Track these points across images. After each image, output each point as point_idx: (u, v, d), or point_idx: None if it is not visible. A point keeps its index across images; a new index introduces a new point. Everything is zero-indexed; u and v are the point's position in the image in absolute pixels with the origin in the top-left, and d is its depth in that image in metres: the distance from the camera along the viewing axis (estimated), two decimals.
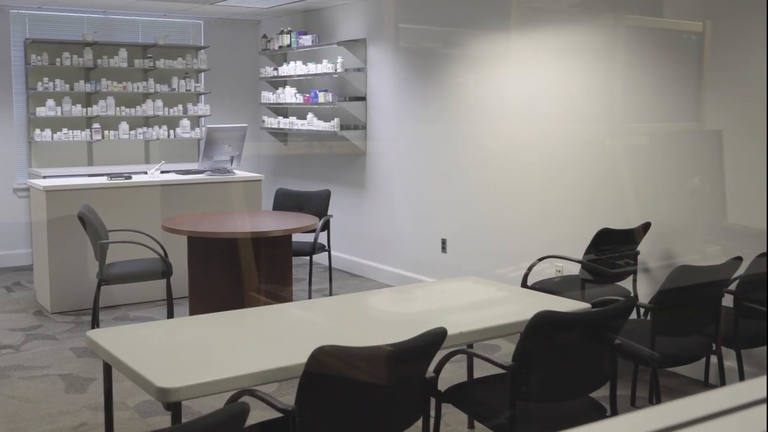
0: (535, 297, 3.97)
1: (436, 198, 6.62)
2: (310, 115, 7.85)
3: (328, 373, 2.48)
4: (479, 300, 3.93)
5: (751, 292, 3.96)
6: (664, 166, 4.92)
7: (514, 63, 5.82)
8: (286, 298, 5.58)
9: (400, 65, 7.01)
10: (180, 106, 8.47)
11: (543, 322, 2.82)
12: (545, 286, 4.74)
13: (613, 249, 4.75)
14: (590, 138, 5.25)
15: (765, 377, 1.06)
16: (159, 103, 8.31)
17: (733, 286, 3.98)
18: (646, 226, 4.78)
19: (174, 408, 2.59)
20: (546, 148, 5.53)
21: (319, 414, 2.54)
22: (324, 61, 7.66)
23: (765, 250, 4.04)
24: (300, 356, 2.53)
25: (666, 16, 4.98)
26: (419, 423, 2.90)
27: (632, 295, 4.74)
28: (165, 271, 5.33)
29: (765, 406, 1.00)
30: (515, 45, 5.83)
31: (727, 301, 3.97)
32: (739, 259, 3.85)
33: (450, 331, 2.91)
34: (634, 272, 4.84)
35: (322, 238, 6.26)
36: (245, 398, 2.52)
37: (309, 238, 6.15)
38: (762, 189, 4.27)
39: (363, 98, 7.44)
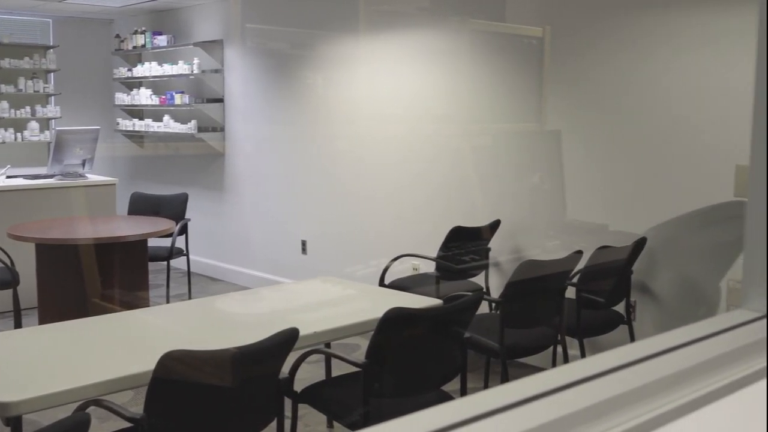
0: (389, 295, 4.05)
1: (296, 199, 6.63)
2: (166, 117, 7.69)
3: (177, 378, 2.45)
4: (335, 299, 3.97)
5: (589, 283, 4.19)
6: (509, 165, 5.14)
7: (364, 64, 5.92)
8: (143, 304, 5.45)
9: (257, 66, 6.98)
10: (27, 108, 8.10)
11: (394, 318, 2.89)
12: (401, 284, 4.84)
13: (465, 246, 4.92)
14: (441, 139, 5.41)
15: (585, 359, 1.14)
16: (5, 104, 7.92)
17: (575, 279, 4.20)
18: (496, 224, 4.96)
19: (14, 423, 2.49)
20: (401, 149, 5.65)
21: (169, 420, 2.51)
22: (180, 62, 7.52)
23: (603, 245, 4.28)
24: (150, 363, 2.48)
25: (509, 21, 5.19)
26: (274, 424, 2.91)
27: (484, 290, 4.92)
28: (11, 280, 5.10)
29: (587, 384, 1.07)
30: (364, 47, 5.92)
31: (571, 293, 4.18)
32: (580, 252, 4.06)
33: (305, 331, 2.94)
34: (486, 268, 5.02)
35: (180, 242, 6.15)
36: (94, 409, 2.46)
37: (166, 242, 6.02)
38: (598, 185, 4.53)
39: (221, 100, 7.36)
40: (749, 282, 1.51)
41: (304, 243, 6.56)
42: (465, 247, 4.93)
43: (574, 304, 4.12)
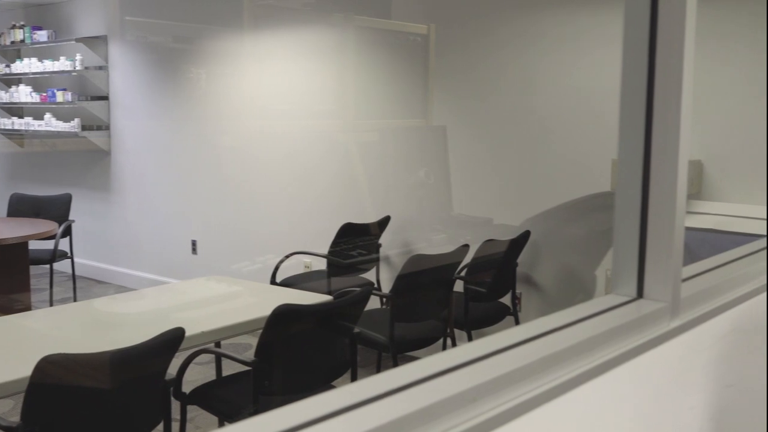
0: (279, 292, 4.03)
1: (185, 198, 6.50)
2: (48, 116, 7.40)
3: (55, 383, 2.37)
4: (223, 298, 3.92)
5: (476, 276, 4.28)
6: (396, 161, 5.19)
7: (249, 60, 5.86)
8: (24, 308, 5.25)
9: (142, 62, 6.81)
10: None
11: (282, 315, 2.88)
12: (293, 282, 4.82)
13: (355, 242, 4.94)
14: (329, 135, 5.42)
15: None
16: None
17: (462, 272, 4.28)
18: (386, 219, 5.00)
19: None
20: (289, 146, 5.62)
21: (48, 427, 2.42)
22: (62, 58, 7.26)
23: (488, 238, 4.38)
24: (28, 368, 2.39)
25: (394, 18, 5.24)
26: (161, 427, 2.85)
27: (375, 285, 4.95)
28: None
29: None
30: (249, 42, 5.86)
31: (459, 286, 4.25)
32: (466, 246, 4.14)
33: (192, 331, 2.89)
34: (377, 263, 5.06)
35: (64, 244, 5.94)
36: None
37: (49, 245, 5.81)
38: (483, 180, 4.64)
39: (105, 97, 7.14)
40: (619, 269, 1.57)
41: (194, 243, 6.45)
42: (355, 243, 4.95)
43: (462, 297, 4.20)
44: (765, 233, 2.35)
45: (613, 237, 1.58)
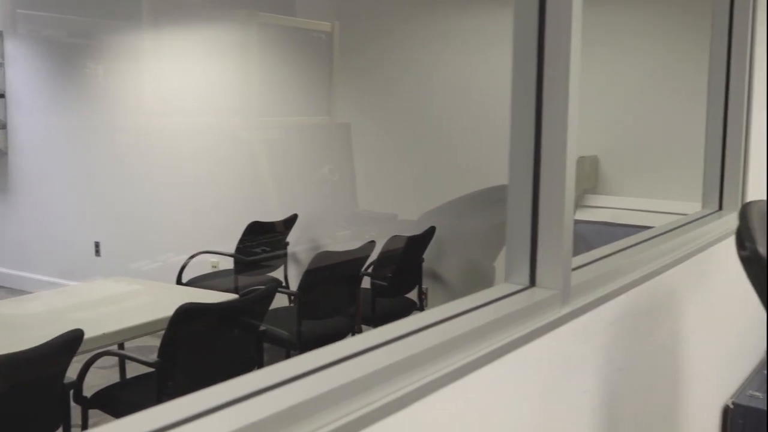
0: (184, 292, 3.98)
1: (88, 198, 6.34)
2: None
3: None
4: (126, 299, 3.85)
5: (383, 271, 4.32)
6: (301, 158, 5.19)
7: (150, 56, 5.76)
8: None
9: (40, 58, 6.60)
10: None
11: (185, 314, 2.85)
12: (199, 282, 4.76)
13: (262, 241, 4.91)
14: (234, 132, 5.37)
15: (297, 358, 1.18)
16: None
17: (369, 269, 4.31)
18: (293, 218, 5.00)
19: None
20: (193, 143, 5.54)
21: None
22: None
23: (394, 234, 4.43)
24: None
25: (299, 16, 5.24)
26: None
27: (284, 283, 4.94)
28: None
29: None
30: (150, 37, 5.75)
31: (366, 282, 4.29)
32: (372, 242, 4.18)
33: (92, 333, 2.83)
34: (285, 261, 5.04)
35: None
36: None
37: None
38: (387, 176, 4.69)
39: (1, 95, 6.89)
40: (512, 259, 1.62)
41: (97, 244, 6.29)
42: (262, 241, 4.93)
43: (369, 293, 4.24)
44: (654, 225, 2.46)
45: (506, 229, 1.64)
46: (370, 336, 1.24)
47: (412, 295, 4.51)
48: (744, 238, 1.57)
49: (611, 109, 4.20)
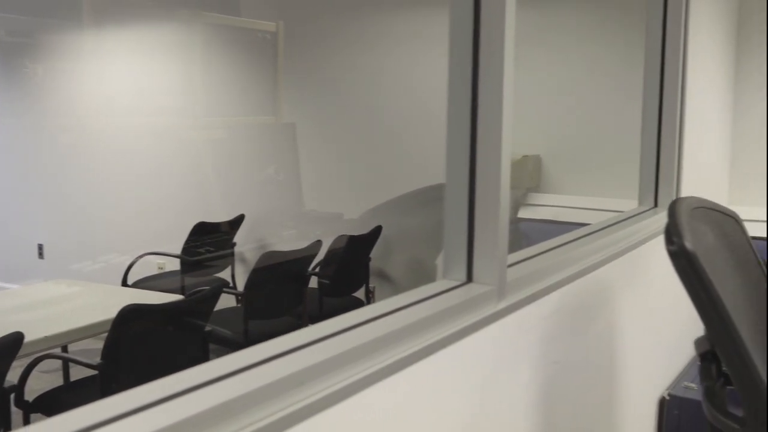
0: (128, 294, 3.95)
1: (28, 200, 6.23)
2: None
3: None
4: (69, 301, 3.80)
5: (330, 271, 4.34)
6: (247, 158, 5.18)
7: (92, 55, 5.68)
8: None
9: None
10: None
11: (128, 315, 2.83)
12: (146, 284, 4.72)
13: (209, 241, 4.89)
14: (178, 132, 5.34)
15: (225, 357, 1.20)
16: None
17: (316, 268, 4.33)
18: (240, 218, 4.98)
19: None
20: (137, 144, 5.49)
21: None
22: None
23: (341, 233, 4.45)
24: None
25: (243, 16, 5.22)
26: None
27: (231, 284, 4.92)
28: None
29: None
30: (91, 37, 5.68)
31: (313, 281, 4.30)
32: (319, 242, 4.19)
33: (33, 336, 2.80)
34: (232, 262, 5.02)
35: None
36: None
37: None
38: (332, 175, 4.70)
39: None
40: (450, 256, 1.66)
41: (41, 246, 6.19)
42: (209, 242, 4.91)
43: (317, 292, 4.25)
44: (591, 222, 2.53)
45: (444, 228, 1.67)
46: (307, 333, 1.26)
47: (360, 294, 4.54)
48: (672, 234, 1.62)
49: (554, 109, 4.28)
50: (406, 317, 1.38)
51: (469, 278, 1.64)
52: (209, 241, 4.91)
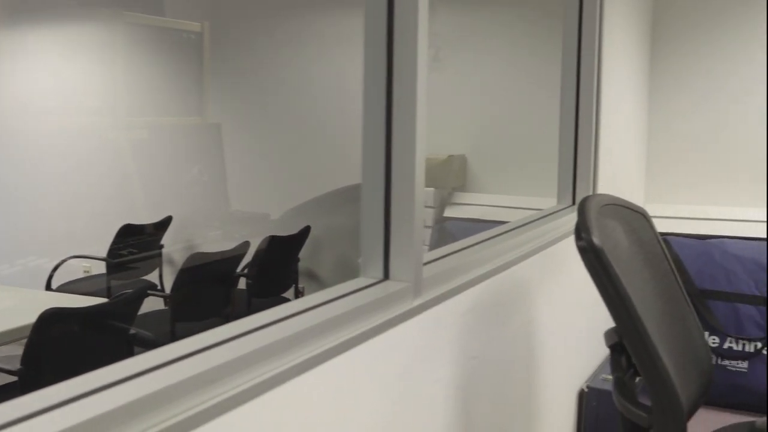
0: (50, 298, 3.88)
1: None
2: None
3: None
4: None
5: (258, 272, 4.33)
6: (172, 159, 5.13)
7: (7, 54, 5.55)
8: None
9: None
10: None
11: (48, 319, 2.79)
12: (71, 288, 4.64)
13: (135, 243, 4.83)
14: (101, 133, 5.25)
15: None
16: None
17: (245, 269, 4.31)
18: (167, 220, 4.93)
19: None
20: (58, 145, 5.38)
21: None
22: None
23: (270, 234, 4.45)
24: None
25: (168, 16, 5.17)
26: None
27: (159, 287, 4.87)
28: None
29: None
30: (7, 35, 5.55)
31: (242, 283, 4.29)
32: (247, 243, 4.18)
33: None
34: (159, 265, 4.97)
35: None
36: None
37: None
38: (259, 176, 4.69)
39: None
40: (367, 254, 1.69)
41: None
42: (136, 244, 4.84)
43: (245, 294, 4.24)
44: (511, 220, 2.59)
45: (361, 227, 1.70)
46: (221, 331, 1.27)
47: (289, 294, 4.54)
48: (581, 230, 1.68)
49: (479, 109, 4.35)
50: (322, 314, 1.40)
51: (386, 276, 1.67)
52: (136, 244, 4.85)
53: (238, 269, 4.23)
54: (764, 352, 3.48)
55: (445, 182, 4.37)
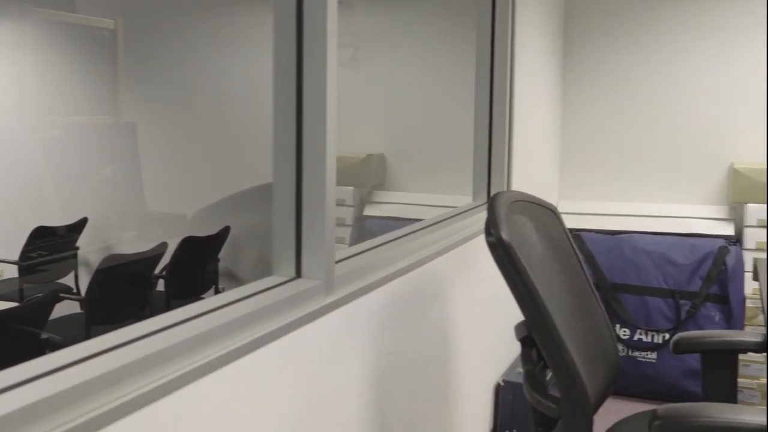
0: None
1: None
2: None
3: None
4: None
5: (177, 273, 4.28)
6: (83, 159, 5.02)
7: None
8: None
9: None
10: None
11: None
12: None
13: (49, 245, 4.71)
14: (12, 133, 5.10)
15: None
16: None
17: (163, 270, 4.25)
18: (82, 221, 4.82)
19: None
20: None
21: None
22: None
23: (188, 235, 4.40)
24: None
25: (80, 12, 5.06)
26: None
27: (75, 290, 4.76)
28: None
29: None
30: None
31: (161, 284, 4.22)
32: (165, 244, 4.12)
33: None
34: (75, 267, 4.86)
35: None
36: None
37: None
38: (176, 176, 4.63)
39: None
40: (279, 252, 1.69)
41: None
42: (49, 247, 4.72)
43: (164, 296, 4.18)
44: (420, 218, 2.62)
45: (273, 225, 1.70)
46: (128, 331, 1.26)
47: (209, 295, 4.49)
48: (490, 226, 1.71)
49: (398, 109, 4.38)
50: (231, 313, 1.40)
51: (298, 274, 1.67)
52: (50, 246, 4.73)
53: (157, 271, 4.17)
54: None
55: (365, 181, 4.39)
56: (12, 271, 4.85)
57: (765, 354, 3.40)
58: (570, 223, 4.06)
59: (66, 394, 1.01)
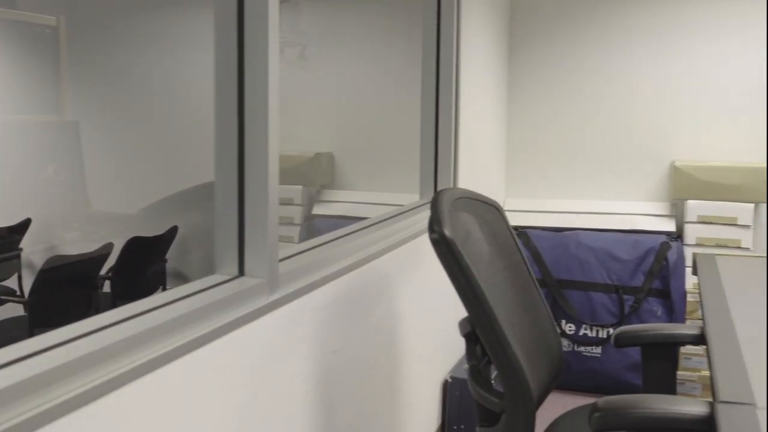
0: None
1: None
2: None
3: None
4: None
5: (123, 274, 4.22)
6: (27, 159, 4.93)
7: None
8: None
9: None
10: None
11: None
12: None
13: None
14: None
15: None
16: None
17: (109, 271, 4.20)
18: (26, 222, 4.73)
19: None
20: None
21: None
22: None
23: (135, 235, 4.34)
24: None
25: (20, 8, 4.96)
26: None
27: (18, 293, 4.67)
28: None
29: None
30: None
31: (107, 285, 4.17)
32: (111, 244, 4.07)
33: None
34: (19, 268, 4.76)
35: None
36: None
37: None
38: (121, 175, 4.57)
39: None
40: (222, 251, 1.68)
41: None
42: None
43: (110, 297, 4.13)
44: (369, 216, 2.63)
45: (215, 224, 1.69)
46: (60, 333, 1.24)
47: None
48: (433, 223, 1.72)
49: (346, 107, 4.39)
50: (172, 312, 1.39)
51: (241, 272, 1.67)
52: None
53: (102, 271, 4.11)
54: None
55: (313, 180, 4.38)
56: None
57: (704, 347, 3.48)
58: (516, 220, 4.11)
59: None
